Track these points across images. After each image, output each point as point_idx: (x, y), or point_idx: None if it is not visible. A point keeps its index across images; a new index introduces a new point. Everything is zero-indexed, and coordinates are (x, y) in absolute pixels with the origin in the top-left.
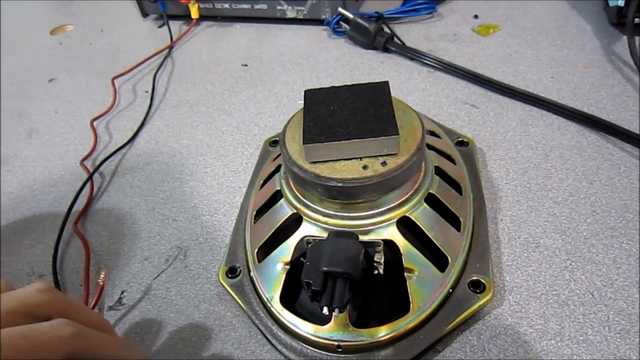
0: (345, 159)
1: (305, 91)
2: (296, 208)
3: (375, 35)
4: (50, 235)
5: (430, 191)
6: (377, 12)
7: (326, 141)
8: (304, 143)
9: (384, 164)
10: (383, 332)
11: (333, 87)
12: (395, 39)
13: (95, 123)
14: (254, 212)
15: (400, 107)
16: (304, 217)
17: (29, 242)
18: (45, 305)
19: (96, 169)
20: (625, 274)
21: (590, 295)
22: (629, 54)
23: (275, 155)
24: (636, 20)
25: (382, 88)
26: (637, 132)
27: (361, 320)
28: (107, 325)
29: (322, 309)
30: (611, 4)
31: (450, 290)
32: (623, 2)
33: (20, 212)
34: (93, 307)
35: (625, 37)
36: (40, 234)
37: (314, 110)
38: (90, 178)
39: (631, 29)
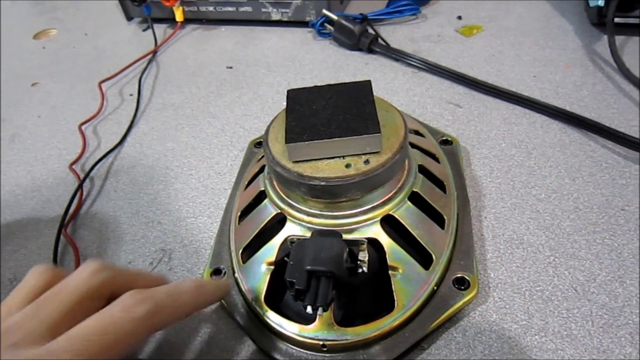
0: (328, 158)
1: (288, 91)
2: (280, 208)
3: (359, 37)
4: (33, 240)
5: (414, 189)
6: (361, 14)
7: (309, 140)
8: (286, 142)
9: (366, 162)
10: (368, 331)
11: (315, 86)
12: (380, 40)
13: (83, 127)
14: (239, 213)
15: (383, 106)
16: (288, 217)
17: (12, 247)
18: (106, 284)
19: (88, 174)
20: (607, 268)
21: (574, 291)
22: (609, 53)
23: (260, 157)
24: (616, 19)
25: (365, 87)
26: (618, 129)
27: (346, 319)
28: (166, 281)
29: (305, 308)
30: (592, 4)
31: (435, 287)
32: (603, 2)
33: (2, 218)
34: None
35: (605, 37)
36: (23, 239)
37: (296, 109)
38: (82, 183)
39: (611, 28)
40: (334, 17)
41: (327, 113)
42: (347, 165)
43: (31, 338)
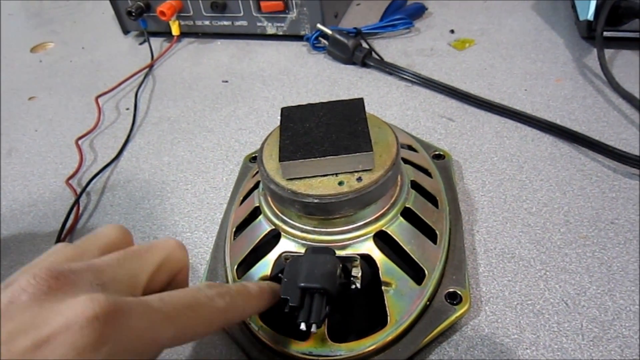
0: (321, 176)
1: (282, 109)
2: (274, 224)
3: (353, 51)
4: (29, 255)
5: (407, 205)
6: (355, 28)
7: (302, 158)
8: (280, 160)
9: (359, 179)
10: (362, 346)
11: (309, 104)
12: (374, 54)
13: (80, 142)
14: (234, 229)
15: (375, 123)
16: (283, 233)
17: (8, 262)
18: (184, 263)
19: (84, 189)
20: (597, 282)
21: (565, 304)
22: (599, 66)
23: (255, 172)
24: (605, 33)
25: (357, 105)
26: (608, 142)
27: (340, 335)
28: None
29: (299, 325)
30: (581, 18)
31: (428, 302)
32: (592, 16)
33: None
34: None
35: (595, 50)
36: (19, 254)
37: (290, 127)
38: (79, 198)
39: (600, 42)
40: (328, 31)
41: (320, 131)
42: (340, 183)
43: (118, 285)
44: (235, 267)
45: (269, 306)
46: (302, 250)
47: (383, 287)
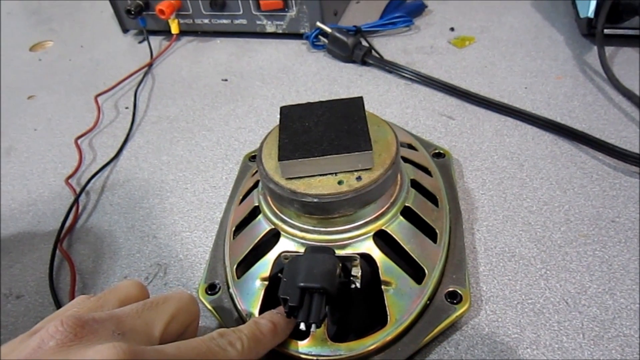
0: (320, 175)
1: (281, 108)
2: (274, 224)
3: (353, 49)
4: (28, 255)
5: (406, 204)
6: (355, 26)
7: (301, 157)
8: (279, 160)
9: (358, 178)
10: (361, 346)
11: (308, 103)
12: (373, 52)
13: (79, 141)
14: (233, 228)
15: (374, 122)
16: (282, 232)
17: (7, 262)
18: (196, 316)
19: (83, 188)
20: (598, 280)
21: (565, 303)
22: (599, 63)
23: (254, 171)
24: (605, 31)
25: (356, 103)
26: (608, 140)
27: (339, 335)
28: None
29: (299, 325)
30: (582, 15)
31: (428, 301)
32: (593, 13)
33: None
34: None
35: (595, 48)
36: (19, 254)
37: (289, 126)
38: (78, 197)
39: (601, 39)
40: (328, 29)
41: (319, 130)
42: (340, 182)
43: (136, 334)
44: (235, 266)
45: (284, 339)
46: (302, 250)
47: (383, 287)
